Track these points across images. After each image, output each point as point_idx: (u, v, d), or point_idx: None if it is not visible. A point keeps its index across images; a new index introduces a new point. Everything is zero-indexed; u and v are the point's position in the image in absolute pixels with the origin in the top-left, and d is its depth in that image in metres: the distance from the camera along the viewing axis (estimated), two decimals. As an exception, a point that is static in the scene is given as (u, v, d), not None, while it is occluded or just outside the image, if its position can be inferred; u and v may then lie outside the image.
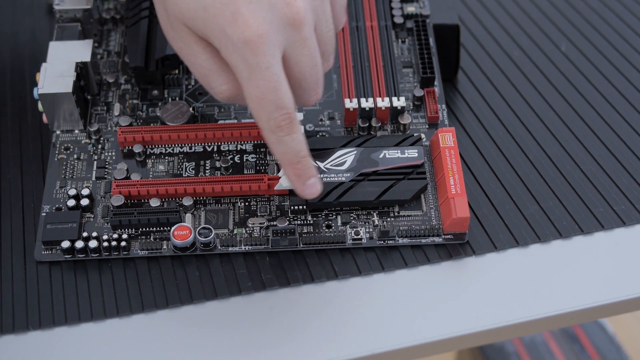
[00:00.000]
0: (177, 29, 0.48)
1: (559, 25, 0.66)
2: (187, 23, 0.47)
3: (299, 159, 0.49)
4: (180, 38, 0.48)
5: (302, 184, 0.50)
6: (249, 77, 0.46)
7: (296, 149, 0.48)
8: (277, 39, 0.46)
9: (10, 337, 0.49)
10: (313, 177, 0.50)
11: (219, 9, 0.45)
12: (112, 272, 0.51)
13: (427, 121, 0.57)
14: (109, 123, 0.58)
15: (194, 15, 0.46)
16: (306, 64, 0.48)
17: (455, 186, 0.52)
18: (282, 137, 0.47)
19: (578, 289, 0.51)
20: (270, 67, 0.46)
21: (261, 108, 0.47)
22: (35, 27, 0.66)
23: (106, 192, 0.54)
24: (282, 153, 0.48)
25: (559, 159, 0.57)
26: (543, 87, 0.61)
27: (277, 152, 0.48)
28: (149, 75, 0.58)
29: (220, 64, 0.48)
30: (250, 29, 0.45)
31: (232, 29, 0.45)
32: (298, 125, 0.48)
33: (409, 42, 0.61)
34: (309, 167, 0.49)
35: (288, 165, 0.49)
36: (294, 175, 0.49)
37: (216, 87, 0.49)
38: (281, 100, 0.46)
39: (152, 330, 0.49)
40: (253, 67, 0.45)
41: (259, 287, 0.50)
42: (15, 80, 0.62)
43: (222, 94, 0.49)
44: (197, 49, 0.48)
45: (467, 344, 0.51)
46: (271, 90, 0.46)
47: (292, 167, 0.49)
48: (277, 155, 0.49)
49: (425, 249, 0.52)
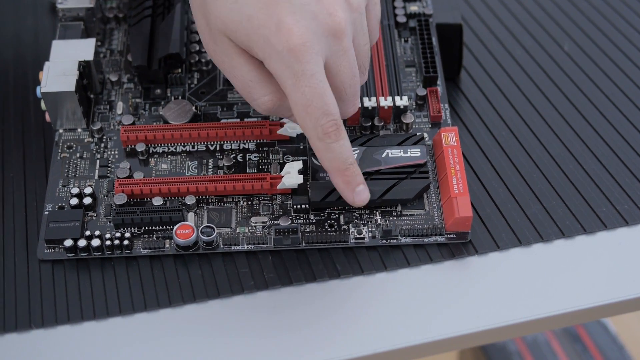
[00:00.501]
0: (219, 42, 0.48)
1: (562, 24, 0.66)
2: (230, 35, 0.47)
3: (347, 165, 0.49)
4: (222, 51, 0.49)
5: (351, 191, 0.50)
6: (295, 84, 0.46)
7: (344, 156, 0.48)
8: (320, 47, 0.46)
9: (13, 336, 0.49)
10: (362, 184, 0.50)
11: (263, 20, 0.46)
12: (114, 270, 0.51)
13: (429, 120, 0.57)
14: (112, 122, 0.58)
15: (238, 27, 0.47)
16: (346, 74, 0.48)
17: (458, 185, 0.52)
18: (330, 143, 0.47)
19: (581, 288, 0.51)
20: (315, 74, 0.46)
21: (308, 116, 0.47)
22: (38, 26, 0.66)
23: (109, 190, 0.54)
24: (330, 160, 0.48)
25: (561, 159, 0.57)
26: (546, 86, 0.61)
27: (326, 159, 0.48)
28: (152, 74, 0.58)
29: (263, 75, 0.49)
30: (295, 38, 0.45)
31: (276, 38, 0.45)
32: (344, 132, 0.48)
33: (411, 42, 0.61)
34: (358, 174, 0.49)
35: (336, 173, 0.49)
36: (343, 182, 0.49)
37: (259, 98, 0.49)
38: (327, 107, 0.47)
39: (154, 329, 0.49)
40: (298, 74, 0.46)
41: (262, 286, 0.50)
42: (18, 79, 0.62)
43: (264, 104, 0.49)
44: (240, 61, 0.48)
45: (469, 344, 0.51)
46: (317, 96, 0.46)
47: (341, 174, 0.49)
48: (326, 162, 0.49)
49: (427, 248, 0.52)
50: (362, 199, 0.50)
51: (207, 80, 0.60)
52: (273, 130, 0.55)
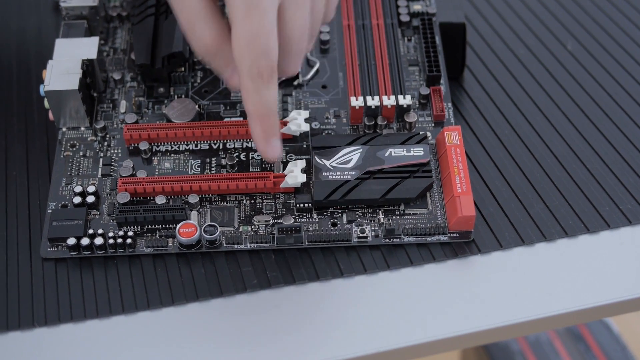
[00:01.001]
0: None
1: (565, 23, 0.66)
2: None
3: (270, 113, 0.48)
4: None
5: (266, 141, 0.49)
6: (246, 15, 0.45)
7: (270, 103, 0.47)
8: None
9: (16, 334, 0.49)
10: (277, 138, 0.49)
11: None
12: (117, 269, 0.51)
13: (433, 119, 0.57)
14: (115, 120, 0.58)
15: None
16: (297, 26, 0.47)
17: (461, 184, 0.52)
18: (260, 86, 0.46)
19: (583, 287, 0.51)
20: (268, 11, 0.45)
21: (248, 51, 0.46)
22: (42, 24, 0.66)
23: (112, 189, 0.54)
24: (255, 104, 0.47)
25: (564, 158, 0.57)
26: (549, 85, 0.61)
27: (250, 102, 0.47)
28: (155, 72, 0.58)
29: (212, 10, 0.47)
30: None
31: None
32: (276, 81, 0.47)
33: (415, 40, 0.61)
34: (276, 126, 0.48)
35: (257, 118, 0.48)
36: (260, 130, 0.48)
37: (200, 32, 0.48)
38: (270, 49, 0.46)
39: (157, 327, 0.49)
40: (252, 6, 0.45)
41: (265, 285, 0.50)
42: (21, 78, 0.62)
43: (202, 41, 0.48)
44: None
45: (472, 343, 0.51)
46: (264, 34, 0.45)
47: (261, 120, 0.48)
48: (249, 106, 0.48)
49: (430, 247, 0.52)
50: (274, 152, 0.49)
51: (211, 79, 0.60)
52: (276, 129, 0.55)
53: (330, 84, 0.59)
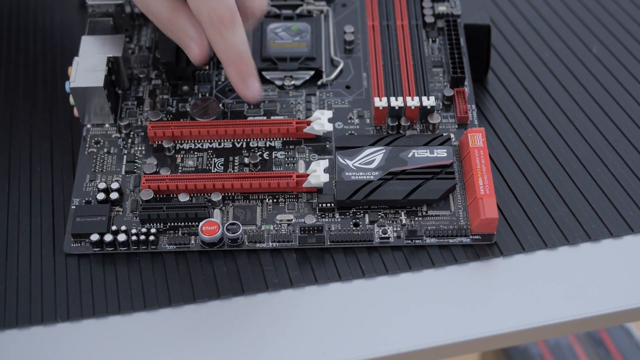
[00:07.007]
0: None
1: (590, 27, 0.65)
2: None
3: (241, 55, 0.48)
4: None
5: (243, 82, 0.49)
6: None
7: (238, 46, 0.47)
8: None
9: (39, 329, 0.49)
10: (254, 77, 0.49)
11: None
12: (140, 266, 0.51)
13: (456, 121, 0.57)
14: (139, 118, 0.58)
15: None
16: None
17: (484, 187, 0.52)
18: (225, 32, 0.47)
19: (606, 292, 0.50)
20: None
21: (204, 1, 0.46)
22: (68, 22, 0.66)
23: (135, 186, 0.54)
24: (224, 50, 0.47)
25: (588, 161, 0.56)
26: (574, 89, 0.61)
27: (220, 49, 0.47)
28: (180, 70, 0.59)
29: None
30: None
31: None
32: (240, 23, 0.47)
33: (439, 42, 0.61)
34: (250, 67, 0.49)
35: (229, 64, 0.48)
36: (235, 73, 0.48)
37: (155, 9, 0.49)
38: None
39: (179, 324, 0.49)
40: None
41: (286, 284, 0.51)
42: (47, 74, 0.63)
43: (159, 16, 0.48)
44: None
45: (492, 346, 0.50)
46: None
47: (234, 64, 0.48)
48: (220, 53, 0.48)
49: (452, 249, 0.52)
50: (254, 92, 0.49)
51: (235, 77, 0.60)
52: (299, 128, 0.55)
53: (354, 85, 0.59)
